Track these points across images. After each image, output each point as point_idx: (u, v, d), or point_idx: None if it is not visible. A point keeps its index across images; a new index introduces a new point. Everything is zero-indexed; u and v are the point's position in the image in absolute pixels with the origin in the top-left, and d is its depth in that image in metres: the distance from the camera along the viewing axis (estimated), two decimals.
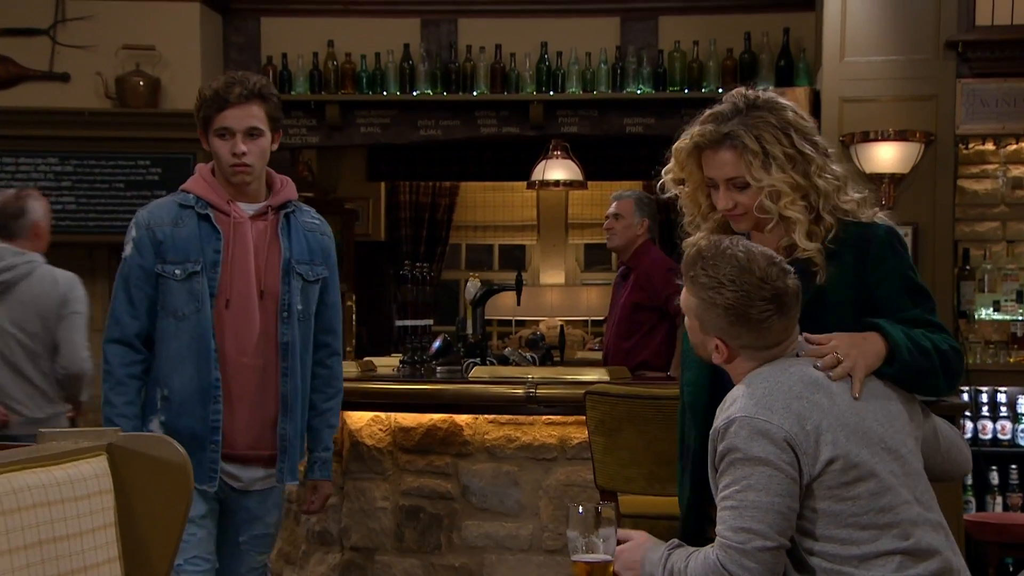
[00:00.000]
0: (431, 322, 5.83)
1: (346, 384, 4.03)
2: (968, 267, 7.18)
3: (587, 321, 11.17)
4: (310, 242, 3.74)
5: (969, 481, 6.95)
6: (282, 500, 3.83)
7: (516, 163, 9.45)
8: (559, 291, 11.45)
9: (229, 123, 3.59)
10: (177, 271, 3.57)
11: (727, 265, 2.64)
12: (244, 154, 3.58)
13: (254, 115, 3.60)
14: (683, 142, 2.91)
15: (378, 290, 10.57)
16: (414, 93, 8.85)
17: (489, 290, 5.94)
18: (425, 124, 8.87)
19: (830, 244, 2.83)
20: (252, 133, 3.60)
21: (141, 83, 8.59)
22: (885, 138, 7.01)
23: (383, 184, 11.47)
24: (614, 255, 12.36)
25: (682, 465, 3.04)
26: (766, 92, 2.94)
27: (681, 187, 2.99)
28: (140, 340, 3.61)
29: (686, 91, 8.59)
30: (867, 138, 7.02)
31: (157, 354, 3.62)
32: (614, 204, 6.31)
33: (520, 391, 4.79)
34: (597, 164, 9.63)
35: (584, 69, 8.70)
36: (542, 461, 4.84)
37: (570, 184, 9.28)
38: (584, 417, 4.24)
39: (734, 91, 2.94)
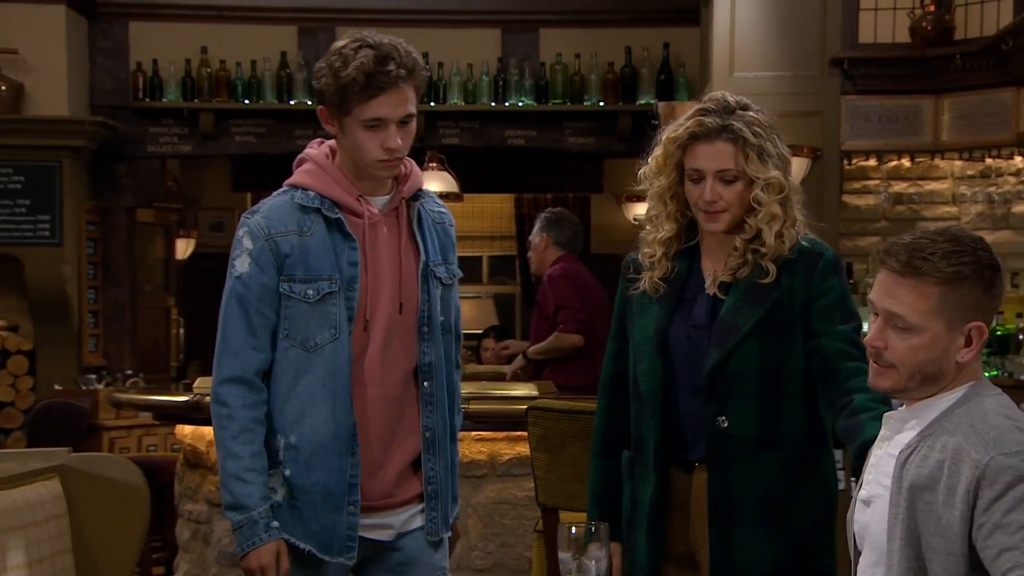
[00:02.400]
0: None
1: None
2: (852, 281, 7.30)
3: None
4: (441, 237, 3.05)
5: None
6: (446, 542, 3.10)
7: None
8: None
9: (383, 113, 2.81)
10: (309, 292, 2.84)
11: (940, 238, 2.30)
12: (399, 148, 2.84)
13: (408, 99, 2.83)
14: (677, 131, 2.87)
15: None
16: (291, 102, 8.71)
17: None
18: (303, 134, 8.70)
19: (788, 255, 2.85)
20: (406, 121, 2.84)
21: (3, 88, 8.27)
22: None
23: (249, 195, 11.25)
24: (484, 269, 12.42)
25: (635, 460, 2.99)
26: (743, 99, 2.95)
27: (660, 180, 2.95)
28: (260, 377, 2.87)
29: (568, 104, 8.61)
30: None
31: (277, 393, 2.87)
32: None
33: None
34: (474, 176, 9.57)
35: (465, 80, 8.65)
36: (471, 478, 4.73)
37: (445, 196, 9.19)
38: (515, 433, 4.15)
39: (713, 94, 2.94)
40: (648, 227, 3.02)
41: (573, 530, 2.63)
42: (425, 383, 2.95)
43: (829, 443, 2.94)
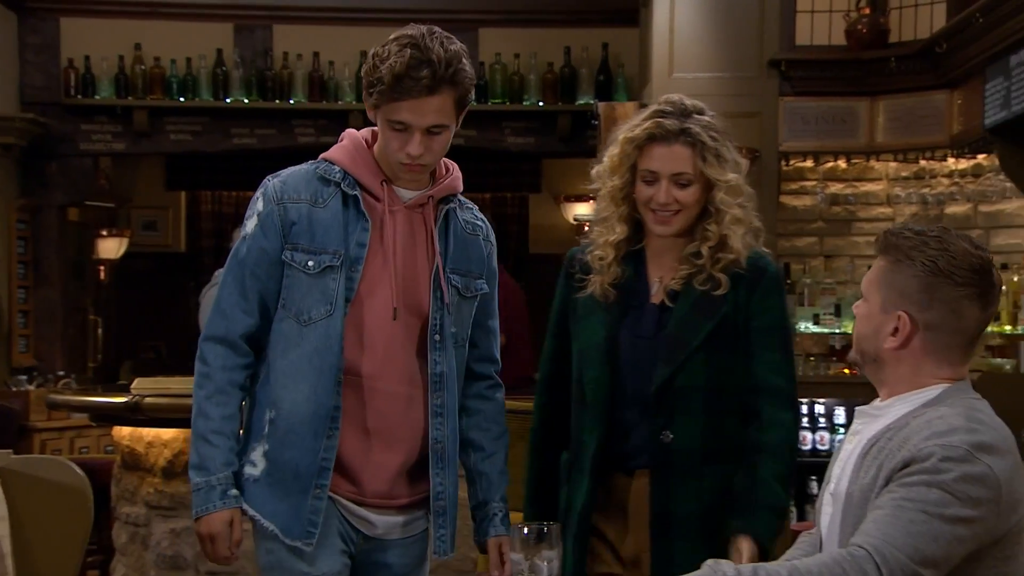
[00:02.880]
0: None
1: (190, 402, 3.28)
2: (789, 281, 7.35)
3: None
4: (469, 248, 2.94)
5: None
6: (428, 554, 3.06)
7: None
8: None
9: (406, 118, 2.71)
10: (310, 263, 2.77)
11: (930, 231, 2.34)
12: (419, 156, 2.76)
13: (439, 108, 2.72)
14: (634, 131, 2.84)
15: (181, 302, 10.23)
16: (227, 100, 8.62)
17: None
18: (239, 132, 8.64)
19: (742, 267, 2.84)
20: (434, 130, 2.74)
21: None
22: None
23: (183, 193, 11.14)
24: None
25: (573, 463, 2.98)
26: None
27: (613, 180, 2.91)
28: (245, 341, 2.81)
29: (507, 103, 8.61)
30: None
31: (269, 364, 2.83)
32: None
33: None
34: None
35: None
36: None
37: None
38: None
39: (668, 96, 2.90)
40: (598, 228, 2.98)
41: (525, 531, 2.61)
42: (436, 394, 2.88)
43: None
